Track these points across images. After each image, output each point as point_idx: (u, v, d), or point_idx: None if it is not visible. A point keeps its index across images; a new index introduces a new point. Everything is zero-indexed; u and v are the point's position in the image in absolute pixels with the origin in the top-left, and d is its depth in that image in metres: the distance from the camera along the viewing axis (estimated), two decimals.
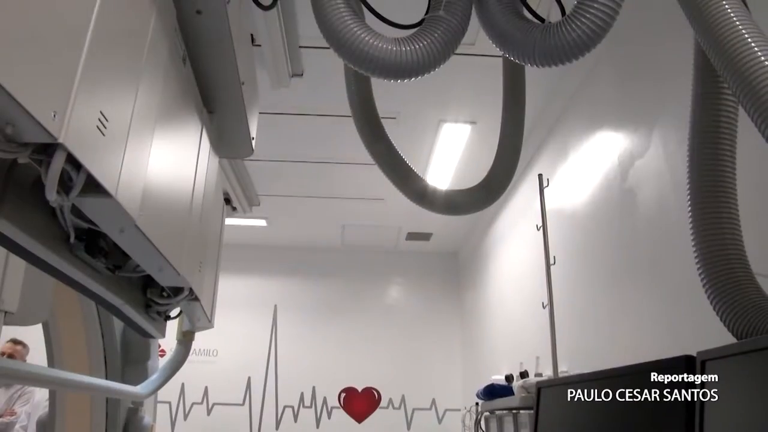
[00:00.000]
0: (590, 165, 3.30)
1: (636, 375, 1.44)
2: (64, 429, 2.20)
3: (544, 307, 3.23)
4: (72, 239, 1.00)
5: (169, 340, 2.00)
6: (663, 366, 1.33)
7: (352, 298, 7.12)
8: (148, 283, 1.50)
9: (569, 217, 3.53)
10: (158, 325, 1.71)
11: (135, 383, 1.98)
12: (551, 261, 3.25)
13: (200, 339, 2.33)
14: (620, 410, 1.47)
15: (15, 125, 0.68)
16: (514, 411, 3.10)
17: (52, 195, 0.78)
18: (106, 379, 2.18)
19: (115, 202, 0.89)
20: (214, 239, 1.89)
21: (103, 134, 0.84)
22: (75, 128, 0.75)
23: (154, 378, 1.96)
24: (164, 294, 1.51)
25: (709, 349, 1.17)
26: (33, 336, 3.30)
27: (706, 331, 1.41)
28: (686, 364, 1.24)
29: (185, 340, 2.00)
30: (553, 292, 3.21)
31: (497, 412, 3.48)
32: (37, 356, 3.37)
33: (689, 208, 1.46)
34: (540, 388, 1.96)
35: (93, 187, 0.84)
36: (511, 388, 3.32)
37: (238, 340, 6.77)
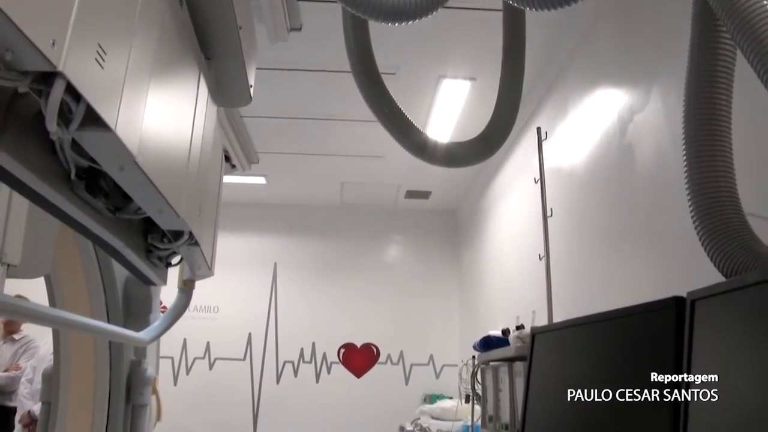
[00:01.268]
0: (589, 121, 3.29)
1: (630, 317, 1.47)
2: (69, 381, 2.22)
3: (540, 259, 3.26)
4: (72, 176, 1.01)
5: (169, 297, 2.03)
6: (654, 307, 1.36)
7: (351, 256, 7.18)
8: (148, 228, 1.52)
9: (568, 173, 3.54)
10: (159, 271, 1.73)
11: None
12: (548, 213, 3.27)
13: (201, 296, 2.35)
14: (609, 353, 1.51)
15: (14, 52, 0.69)
16: (509, 361, 3.16)
17: (52, 125, 0.79)
18: None
19: (115, 136, 0.89)
20: (213, 188, 1.90)
21: (102, 67, 0.84)
22: (74, 58, 0.75)
23: (156, 325, 1.98)
24: (165, 239, 1.53)
25: (698, 289, 1.19)
26: (36, 293, 3.34)
27: (702, 286, 1.43)
28: (676, 304, 1.27)
29: (186, 288, 2.02)
30: (550, 244, 3.24)
31: (492, 363, 3.55)
32: None
33: (684, 153, 1.47)
34: (534, 334, 2.00)
35: (93, 120, 0.85)
36: (507, 340, 3.37)
37: (239, 298, 6.87)
